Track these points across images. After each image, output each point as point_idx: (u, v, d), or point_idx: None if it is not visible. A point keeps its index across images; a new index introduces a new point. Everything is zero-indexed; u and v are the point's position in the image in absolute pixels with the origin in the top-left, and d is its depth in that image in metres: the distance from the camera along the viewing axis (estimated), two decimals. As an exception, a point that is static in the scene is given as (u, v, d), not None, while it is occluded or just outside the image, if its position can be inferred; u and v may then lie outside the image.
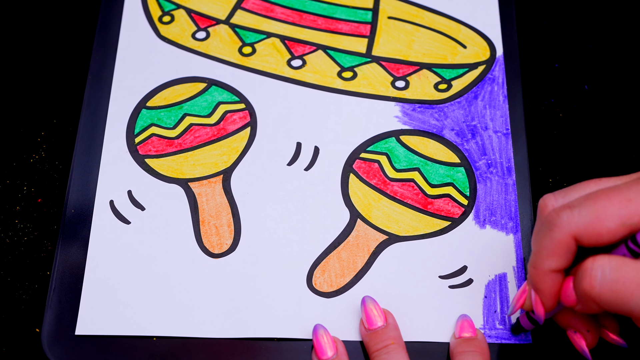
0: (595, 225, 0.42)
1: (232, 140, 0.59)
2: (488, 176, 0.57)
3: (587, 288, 0.42)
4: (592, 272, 0.41)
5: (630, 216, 0.41)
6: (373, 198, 0.57)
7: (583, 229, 0.42)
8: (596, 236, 0.42)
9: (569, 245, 0.43)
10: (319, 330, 0.51)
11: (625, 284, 0.41)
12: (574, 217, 0.42)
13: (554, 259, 0.43)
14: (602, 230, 0.42)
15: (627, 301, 0.41)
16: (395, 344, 0.50)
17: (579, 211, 0.42)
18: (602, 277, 0.41)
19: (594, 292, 0.41)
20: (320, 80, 0.62)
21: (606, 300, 0.41)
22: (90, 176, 0.57)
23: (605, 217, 0.41)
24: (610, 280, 0.41)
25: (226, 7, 0.65)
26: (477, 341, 0.51)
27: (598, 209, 0.42)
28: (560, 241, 0.43)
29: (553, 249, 0.43)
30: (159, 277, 0.54)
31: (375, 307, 0.52)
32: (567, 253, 0.43)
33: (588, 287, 0.42)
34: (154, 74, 0.62)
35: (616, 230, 0.41)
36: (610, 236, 0.42)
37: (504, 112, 0.60)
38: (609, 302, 0.41)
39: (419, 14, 0.65)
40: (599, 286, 0.41)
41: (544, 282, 0.45)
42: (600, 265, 0.41)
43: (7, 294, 0.55)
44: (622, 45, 0.65)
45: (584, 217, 0.42)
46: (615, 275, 0.41)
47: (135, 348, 0.52)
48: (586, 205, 0.42)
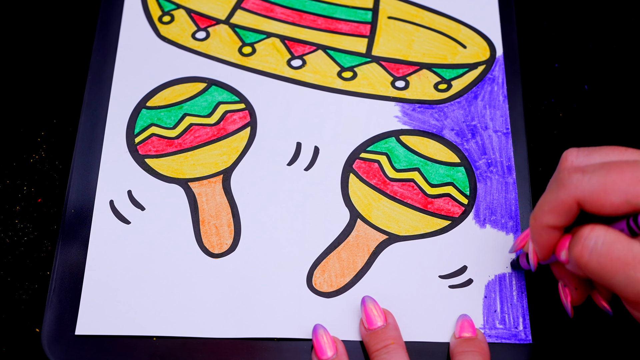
0: (600, 195, 0.42)
1: (232, 140, 0.59)
2: (488, 175, 0.57)
3: (577, 255, 0.43)
4: (585, 242, 0.42)
5: (636, 196, 0.41)
6: (373, 198, 0.57)
7: (588, 196, 0.42)
8: (599, 206, 0.42)
9: (570, 207, 0.43)
10: (319, 330, 0.51)
11: (613, 260, 0.41)
12: (583, 182, 0.43)
13: (553, 215, 0.44)
14: (605, 202, 0.42)
15: (611, 277, 0.42)
16: (395, 344, 0.50)
17: (590, 178, 0.43)
18: (593, 248, 0.42)
19: (583, 260, 0.42)
20: (320, 80, 0.62)
21: (592, 271, 0.42)
22: (90, 176, 0.57)
23: (612, 190, 0.42)
24: (600, 254, 0.42)
25: (226, 7, 0.65)
26: (477, 341, 0.51)
27: (607, 181, 0.42)
28: (564, 201, 0.43)
29: (555, 206, 0.44)
30: (159, 277, 0.54)
31: (375, 307, 0.52)
32: (567, 214, 0.44)
33: (578, 254, 0.43)
34: (154, 74, 0.62)
35: (619, 205, 0.42)
36: (612, 209, 0.42)
37: (504, 112, 0.60)
38: (594, 273, 0.42)
39: (419, 14, 0.65)
40: (588, 256, 0.42)
41: (540, 235, 0.46)
42: (594, 236, 0.42)
43: (7, 294, 0.55)
44: (622, 45, 0.65)
45: (592, 184, 0.42)
46: (605, 250, 0.42)
47: (135, 348, 0.52)
48: (597, 174, 0.43)
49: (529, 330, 0.52)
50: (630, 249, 0.41)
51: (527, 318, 0.52)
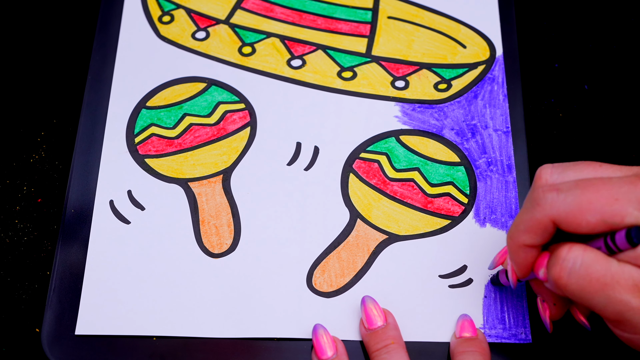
0: (576, 215, 0.42)
1: (232, 140, 0.59)
2: (488, 174, 0.57)
3: (555, 276, 0.42)
4: (564, 263, 0.42)
5: (612, 215, 0.41)
6: (373, 198, 0.57)
7: (564, 215, 0.42)
8: (575, 225, 0.42)
9: (546, 226, 0.43)
10: (319, 330, 0.51)
11: (592, 281, 0.41)
12: (558, 201, 0.42)
13: (529, 235, 0.44)
14: (582, 222, 0.41)
15: (590, 298, 0.42)
16: (395, 344, 0.50)
17: (565, 197, 0.42)
18: (571, 269, 0.42)
19: (562, 282, 0.42)
20: (320, 80, 0.62)
21: (571, 292, 0.42)
22: (90, 176, 0.57)
23: (588, 209, 0.41)
24: (578, 275, 0.41)
25: (226, 7, 0.65)
26: (477, 341, 0.51)
27: (583, 200, 0.41)
28: (539, 220, 0.43)
29: (531, 226, 0.43)
30: (159, 277, 0.54)
31: (375, 306, 0.52)
32: (543, 233, 0.43)
33: (557, 275, 0.42)
34: (153, 74, 0.62)
35: (596, 225, 0.41)
36: (589, 228, 0.42)
37: (504, 111, 0.60)
38: (573, 293, 0.42)
39: (418, 13, 0.65)
40: (566, 277, 0.42)
41: (517, 255, 0.45)
42: (572, 256, 0.42)
43: (7, 294, 0.55)
44: (622, 45, 0.65)
45: (567, 204, 0.42)
46: (584, 271, 0.41)
47: (135, 348, 0.52)
48: (573, 193, 0.42)
49: (529, 330, 0.52)
50: (609, 269, 0.41)
51: (527, 318, 0.52)
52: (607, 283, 0.41)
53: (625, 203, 0.41)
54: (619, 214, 0.41)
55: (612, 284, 0.41)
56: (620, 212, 0.41)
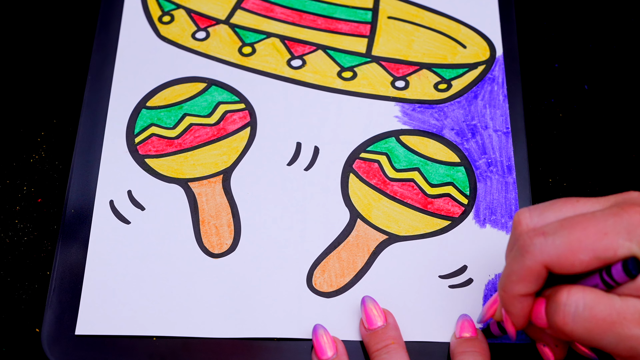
0: (568, 256, 0.41)
1: (232, 140, 0.59)
2: (488, 175, 0.57)
3: (560, 323, 0.41)
4: (566, 309, 0.41)
5: (604, 250, 0.40)
6: (373, 198, 0.57)
7: (555, 259, 0.41)
8: (568, 266, 0.41)
9: (539, 273, 0.42)
10: (319, 330, 0.51)
11: (598, 322, 0.40)
12: (547, 246, 0.41)
13: (523, 284, 0.43)
14: (575, 262, 0.41)
15: (599, 339, 0.41)
16: (396, 344, 0.50)
17: (553, 240, 0.41)
18: (575, 314, 0.41)
19: (567, 328, 0.41)
20: (320, 80, 0.62)
21: (578, 336, 0.41)
22: (90, 176, 0.57)
23: (579, 249, 0.41)
24: (583, 318, 0.41)
25: (226, 7, 0.65)
26: (477, 341, 0.51)
27: (572, 241, 0.41)
28: (531, 268, 0.42)
29: (524, 275, 0.42)
30: (159, 277, 0.54)
31: (375, 307, 0.52)
32: (537, 279, 0.42)
33: (561, 322, 0.41)
34: (154, 74, 0.62)
35: (589, 263, 0.41)
36: (582, 267, 0.41)
37: (504, 112, 0.60)
38: (581, 338, 0.41)
39: (418, 13, 0.65)
40: (571, 323, 0.41)
41: (513, 306, 0.44)
42: (574, 301, 0.41)
43: (7, 294, 0.55)
44: (622, 45, 0.65)
45: (557, 247, 0.41)
46: (588, 314, 0.41)
47: (135, 348, 0.52)
48: (560, 235, 0.41)
49: (529, 330, 0.52)
50: (613, 306, 0.40)
51: (527, 318, 0.52)
52: (615, 321, 0.40)
53: (615, 236, 0.40)
54: (611, 248, 0.40)
55: (620, 321, 0.40)
56: (612, 246, 0.40)
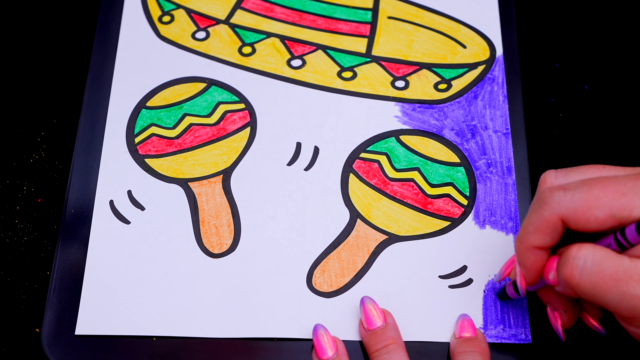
0: (584, 211, 0.42)
1: (232, 140, 0.59)
2: (488, 176, 0.57)
3: (567, 276, 0.42)
4: (574, 262, 0.42)
5: (620, 209, 0.41)
6: (373, 198, 0.57)
7: (572, 213, 0.42)
8: (584, 222, 0.42)
9: (555, 225, 0.43)
10: (319, 330, 0.51)
11: (604, 278, 0.41)
12: (566, 199, 0.42)
13: (539, 235, 0.44)
14: (590, 218, 0.42)
15: (603, 295, 0.41)
16: (395, 344, 0.50)
17: (572, 195, 0.42)
18: (583, 267, 0.42)
19: (574, 281, 0.42)
20: (320, 80, 0.62)
21: (584, 290, 0.42)
22: (90, 176, 0.57)
23: (596, 205, 0.42)
24: (590, 273, 0.41)
25: (226, 7, 0.65)
26: (477, 341, 0.51)
27: (590, 197, 0.42)
28: (547, 220, 0.43)
29: (539, 226, 0.43)
30: (159, 277, 0.54)
31: (375, 307, 0.52)
32: (552, 232, 0.43)
33: (569, 275, 0.42)
34: (154, 74, 0.62)
35: (604, 220, 0.42)
36: (597, 224, 0.42)
37: (504, 112, 0.60)
38: (586, 292, 0.42)
39: (418, 13, 0.65)
40: (578, 276, 0.42)
41: (527, 257, 0.45)
42: (583, 255, 0.42)
43: (7, 294, 0.55)
44: (622, 45, 0.65)
45: (575, 201, 0.42)
46: (595, 269, 0.41)
47: (135, 348, 0.52)
48: (580, 190, 0.42)
49: (529, 330, 0.52)
50: (621, 264, 0.41)
51: (527, 318, 0.52)
52: (620, 279, 0.41)
53: (633, 197, 0.41)
54: (627, 208, 0.41)
55: (626, 279, 0.41)
56: (628, 206, 0.41)
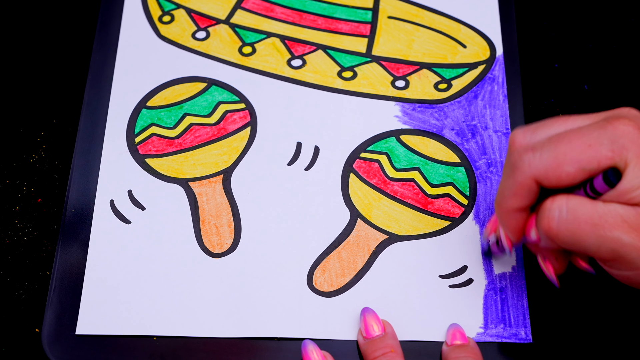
0: (555, 169, 0.43)
1: (232, 140, 0.59)
2: (488, 176, 0.57)
3: (545, 228, 0.43)
4: (550, 213, 0.43)
5: (589, 161, 0.42)
6: (373, 198, 0.57)
7: (543, 172, 0.43)
8: (556, 179, 0.43)
9: (530, 187, 0.44)
10: (309, 346, 0.51)
11: (581, 225, 0.42)
12: (535, 160, 0.43)
13: (516, 199, 0.45)
14: (562, 174, 0.43)
15: (581, 240, 0.42)
16: (394, 352, 0.50)
17: (540, 155, 0.43)
18: (559, 217, 0.43)
19: (552, 232, 0.43)
20: (320, 80, 0.62)
21: (563, 239, 0.43)
22: (90, 176, 0.57)
23: (565, 161, 0.43)
24: (567, 221, 0.43)
25: (226, 7, 0.65)
26: (470, 347, 0.50)
27: (559, 154, 0.43)
28: (522, 183, 0.44)
29: (515, 190, 0.45)
30: (159, 276, 0.54)
31: (374, 316, 0.51)
32: (528, 193, 0.45)
33: (546, 226, 0.43)
34: (154, 73, 0.62)
35: (575, 174, 0.43)
36: (569, 179, 0.43)
37: (504, 112, 0.60)
38: (565, 240, 0.43)
39: (419, 13, 0.65)
40: (556, 226, 0.43)
41: (508, 220, 0.46)
42: (558, 205, 0.43)
43: (7, 294, 0.55)
44: (622, 45, 0.65)
45: (544, 160, 0.43)
46: (571, 216, 0.42)
47: (135, 348, 0.52)
48: (547, 149, 0.43)
49: (529, 329, 0.52)
50: (595, 209, 0.42)
51: (527, 318, 0.52)
52: (597, 223, 0.42)
53: (598, 147, 0.42)
54: (595, 159, 0.42)
55: (602, 224, 0.42)
56: (595, 157, 0.42)
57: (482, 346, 0.51)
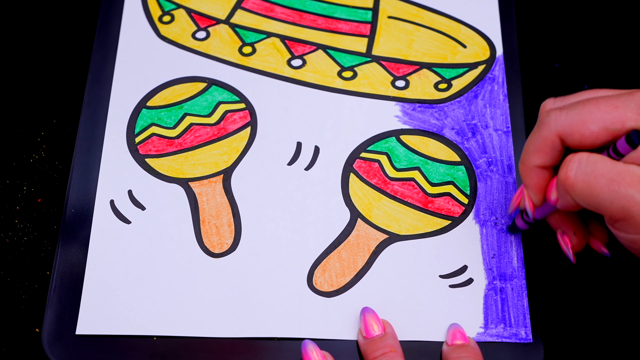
0: (579, 126, 0.44)
1: (232, 139, 0.59)
2: (488, 174, 0.57)
3: (562, 177, 0.44)
4: (570, 164, 0.44)
5: (613, 121, 0.43)
6: (373, 197, 0.57)
7: (568, 129, 0.44)
8: (580, 137, 0.44)
9: (554, 143, 0.45)
10: (309, 345, 0.51)
11: (597, 177, 0.43)
12: (561, 117, 0.44)
13: (539, 155, 0.46)
14: (585, 132, 0.44)
15: (596, 194, 0.43)
16: (394, 352, 0.50)
17: (567, 112, 0.44)
18: (577, 168, 0.43)
19: (569, 182, 0.43)
20: (320, 80, 0.62)
21: (578, 191, 0.43)
22: (90, 176, 0.57)
23: (590, 119, 0.43)
24: (584, 172, 0.43)
25: (226, 6, 0.65)
26: (470, 347, 0.50)
27: (584, 112, 0.44)
28: (546, 138, 0.45)
29: (539, 145, 0.46)
30: (159, 277, 0.54)
31: (374, 316, 0.51)
32: (552, 150, 0.45)
33: (564, 176, 0.44)
34: (154, 73, 0.62)
35: (599, 134, 0.43)
36: (593, 138, 0.44)
37: (504, 111, 0.60)
38: (580, 193, 0.43)
39: (419, 13, 0.65)
40: (573, 177, 0.43)
41: (530, 177, 0.47)
42: (578, 158, 0.43)
43: (7, 294, 0.55)
44: (622, 45, 0.65)
45: (570, 117, 0.44)
46: (589, 169, 0.43)
47: (135, 348, 0.52)
48: (574, 108, 0.44)
49: (529, 329, 0.52)
50: (614, 166, 0.42)
51: (527, 317, 0.52)
52: (613, 179, 0.42)
53: (625, 109, 0.43)
54: (620, 120, 0.43)
55: (618, 180, 0.42)
56: (620, 118, 0.43)
57: (482, 346, 0.51)
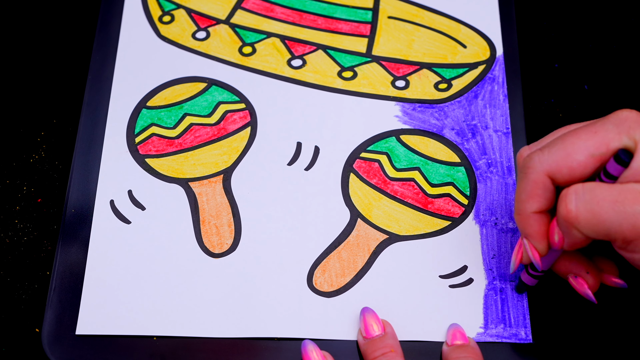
0: (565, 159, 0.43)
1: (232, 140, 0.59)
2: (488, 175, 0.57)
3: (564, 213, 0.43)
4: (568, 197, 0.43)
5: (597, 147, 0.43)
6: (373, 197, 0.57)
7: (555, 166, 0.43)
8: (568, 170, 0.43)
9: (545, 185, 0.44)
10: (308, 346, 0.51)
11: (599, 203, 0.42)
12: (544, 156, 0.44)
13: (533, 200, 0.45)
14: (573, 164, 0.43)
15: (603, 220, 0.42)
16: (394, 352, 0.50)
17: (549, 150, 0.44)
18: (576, 199, 0.42)
19: (571, 215, 0.42)
20: (320, 80, 0.62)
21: (584, 222, 0.42)
22: (90, 176, 0.57)
23: (574, 151, 0.43)
24: (585, 201, 0.42)
25: (226, 7, 0.65)
26: (470, 347, 0.50)
27: (566, 145, 0.43)
28: (536, 181, 0.44)
29: (530, 190, 0.45)
30: (159, 277, 0.54)
31: (374, 316, 0.51)
32: (545, 192, 0.44)
33: (565, 211, 0.42)
34: (154, 73, 0.62)
35: (586, 162, 0.43)
36: (581, 169, 0.43)
37: (504, 112, 0.60)
38: (586, 223, 0.42)
39: (419, 13, 0.65)
40: (575, 209, 0.42)
41: (530, 225, 0.46)
42: (574, 189, 0.42)
43: (7, 294, 0.55)
44: (622, 45, 0.65)
45: (553, 154, 0.43)
46: (588, 196, 0.42)
47: (135, 348, 0.52)
48: (555, 144, 0.44)
49: (529, 329, 0.52)
50: (613, 187, 0.42)
51: (527, 318, 0.52)
52: (616, 200, 0.41)
53: (605, 132, 0.43)
54: (603, 143, 0.42)
55: (621, 200, 0.41)
56: (603, 141, 0.42)
57: (482, 346, 0.51)
